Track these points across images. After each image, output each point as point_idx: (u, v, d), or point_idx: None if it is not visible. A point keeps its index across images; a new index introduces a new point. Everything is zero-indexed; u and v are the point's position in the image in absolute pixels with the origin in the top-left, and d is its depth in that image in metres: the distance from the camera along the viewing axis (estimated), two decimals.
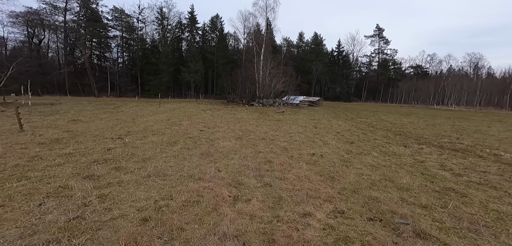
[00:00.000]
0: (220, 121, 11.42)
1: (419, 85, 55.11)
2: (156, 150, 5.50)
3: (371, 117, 17.03)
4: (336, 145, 6.96)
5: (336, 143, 7.25)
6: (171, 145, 6.17)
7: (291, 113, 18.09)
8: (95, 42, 44.99)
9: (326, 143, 7.13)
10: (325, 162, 5.22)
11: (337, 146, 6.77)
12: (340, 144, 7.08)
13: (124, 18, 46.66)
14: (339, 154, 5.93)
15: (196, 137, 7.28)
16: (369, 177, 4.26)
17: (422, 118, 17.40)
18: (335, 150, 6.33)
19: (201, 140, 6.88)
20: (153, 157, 4.96)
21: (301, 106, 28.21)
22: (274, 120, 12.64)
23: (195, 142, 6.64)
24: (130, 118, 10.86)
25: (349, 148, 6.57)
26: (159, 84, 40.68)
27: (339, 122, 13.23)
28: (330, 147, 6.68)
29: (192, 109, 17.57)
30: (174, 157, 5.07)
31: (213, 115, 14.15)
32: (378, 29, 60.57)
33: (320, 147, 6.64)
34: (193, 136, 7.49)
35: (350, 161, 5.28)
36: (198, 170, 4.34)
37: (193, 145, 6.23)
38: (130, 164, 4.45)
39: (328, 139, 7.87)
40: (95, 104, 18.43)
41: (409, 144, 7.16)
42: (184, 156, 5.22)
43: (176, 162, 4.74)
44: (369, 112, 22.36)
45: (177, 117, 12.08)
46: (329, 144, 7.00)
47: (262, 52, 30.44)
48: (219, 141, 6.90)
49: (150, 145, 6.03)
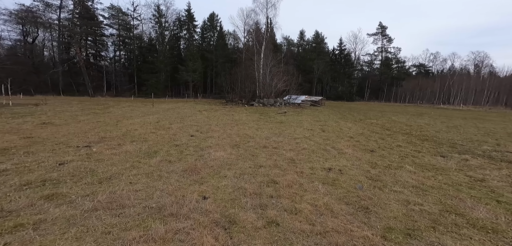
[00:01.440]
0: (215, 124, 10.15)
1: (424, 84, 53.70)
2: (125, 164, 4.23)
3: (381, 118, 15.74)
4: (354, 154, 5.67)
5: (353, 151, 5.97)
6: (149, 156, 4.90)
7: (293, 114, 16.82)
8: (90, 41, 43.79)
9: (341, 152, 5.85)
10: (347, 180, 3.95)
11: (356, 156, 5.49)
12: (358, 153, 5.80)
13: (121, 16, 45.46)
14: (362, 167, 4.65)
15: (184, 145, 6.02)
16: (421, 207, 2.99)
17: (437, 119, 16.09)
18: (355, 161, 5.05)
19: (189, 149, 5.62)
20: (117, 175, 3.70)
21: (303, 106, 26.93)
22: (276, 123, 11.36)
23: (180, 151, 5.37)
24: (113, 121, 9.61)
25: (371, 159, 5.29)
26: (156, 84, 39.43)
27: (348, 124, 11.94)
28: (348, 157, 5.41)
29: (187, 110, 16.31)
30: (147, 175, 3.80)
31: (209, 117, 12.88)
32: (381, 27, 59.18)
33: (335, 157, 5.36)
34: (181, 143, 6.23)
35: (381, 179, 4.00)
36: (173, 198, 3.07)
37: (177, 156, 4.96)
38: (78, 187, 3.19)
39: (342, 145, 6.59)
40: (84, 105, 17.20)
41: (446, 153, 5.87)
42: (161, 173, 3.95)
43: (147, 184, 3.47)
44: (377, 113, 21.06)
45: (167, 120, 10.82)
46: (345, 153, 5.72)
47: (262, 50, 29.13)
48: (211, 150, 5.63)
49: (122, 156, 4.76)
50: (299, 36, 63.32)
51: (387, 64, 60.43)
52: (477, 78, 51.58)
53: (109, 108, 15.51)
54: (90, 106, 16.47)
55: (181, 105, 21.01)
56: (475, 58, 58.62)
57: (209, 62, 48.25)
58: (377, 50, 61.01)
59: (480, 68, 58.61)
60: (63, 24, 36.77)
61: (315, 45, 61.51)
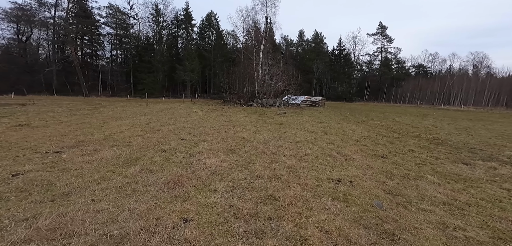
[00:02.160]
0: (210, 126, 9.46)
1: (424, 84, 53.26)
2: (94, 175, 3.53)
3: (384, 119, 15.11)
4: (364, 161, 5.01)
5: (361, 157, 5.31)
6: (128, 164, 4.21)
7: (293, 114, 16.16)
8: (86, 40, 42.92)
9: (349, 158, 5.18)
10: (361, 195, 3.28)
11: (366, 163, 4.82)
12: (368, 159, 5.13)
13: (119, 16, 44.66)
14: (376, 178, 3.98)
15: (172, 150, 5.33)
16: (464, 232, 2.34)
17: (443, 120, 15.47)
18: (366, 170, 4.38)
19: (177, 155, 4.93)
20: (78, 190, 3.00)
21: (302, 106, 26.29)
22: (276, 124, 10.69)
23: (167, 158, 4.68)
24: (99, 122, 8.89)
25: (384, 167, 4.62)
26: (153, 83, 38.64)
27: (351, 125, 11.29)
28: (357, 164, 4.74)
29: (183, 111, 15.60)
30: (117, 190, 3.11)
31: (204, 117, 12.18)
32: (381, 27, 58.74)
33: (343, 165, 4.69)
34: (169, 148, 5.53)
35: (402, 193, 3.34)
36: (144, 222, 2.39)
37: (161, 165, 4.27)
38: (19, 207, 2.50)
39: (348, 150, 5.92)
40: (74, 105, 16.43)
41: (467, 159, 5.21)
42: (137, 186, 3.26)
43: (114, 201, 2.78)
44: (378, 113, 20.44)
45: (159, 121, 10.11)
46: (353, 160, 5.05)
47: (261, 49, 28.48)
48: (202, 156, 4.94)
49: (95, 164, 4.06)
50: (298, 36, 62.86)
51: (387, 64, 59.96)
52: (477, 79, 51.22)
53: (100, 108, 14.77)
54: (80, 106, 15.72)
55: (177, 106, 20.29)
56: (474, 59, 58.38)
57: (207, 62, 47.54)
58: (377, 51, 60.60)
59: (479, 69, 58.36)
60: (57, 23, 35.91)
61: (314, 45, 60.98)
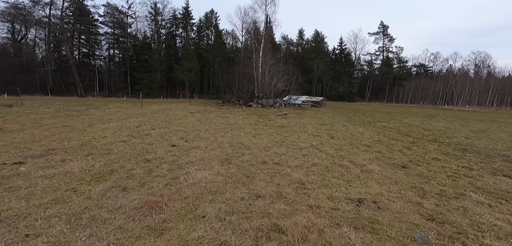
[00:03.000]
0: (206, 129, 8.69)
1: (426, 84, 52.47)
2: (46, 197, 2.76)
3: (391, 120, 14.35)
4: (384, 172, 4.23)
5: (379, 167, 4.53)
6: (98, 179, 3.43)
7: (295, 116, 15.39)
8: (83, 39, 42.12)
9: (365, 169, 4.41)
10: (393, 222, 2.51)
11: (387, 176, 4.05)
12: (388, 170, 4.36)
13: (117, 15, 43.85)
14: (407, 197, 3.21)
15: (157, 160, 4.56)
16: None
17: (453, 121, 14.67)
18: (390, 185, 3.60)
19: (162, 167, 4.15)
20: (13, 219, 2.23)
21: (303, 107, 25.52)
22: (277, 127, 9.92)
23: (148, 171, 3.91)
24: (84, 125, 8.11)
25: (411, 180, 3.85)
26: (151, 83, 37.82)
27: (358, 128, 10.52)
28: (377, 177, 3.97)
29: (179, 112, 14.83)
30: (68, 219, 2.33)
31: (200, 119, 11.41)
32: (383, 26, 57.94)
33: (360, 178, 3.92)
34: (154, 157, 4.76)
35: (450, 221, 2.57)
36: None
37: (139, 180, 3.50)
38: None
39: (362, 158, 5.15)
40: (65, 106, 15.63)
41: (507, 171, 4.43)
42: (98, 212, 2.49)
43: (55, 237, 2.01)
44: (383, 114, 19.68)
45: (151, 123, 9.33)
46: (371, 171, 4.28)
47: (261, 47, 27.69)
48: (191, 167, 4.17)
49: (55, 180, 3.28)
50: (298, 35, 62.03)
51: (389, 64, 59.15)
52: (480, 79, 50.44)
53: (91, 109, 13.98)
54: (70, 107, 14.92)
55: (173, 107, 19.51)
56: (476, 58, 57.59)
57: (206, 62, 46.72)
58: (379, 50, 59.76)
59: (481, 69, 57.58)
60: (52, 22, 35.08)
61: (314, 44, 60.20)
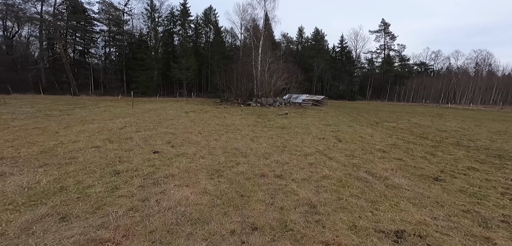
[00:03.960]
0: (198, 131, 7.79)
1: (428, 83, 51.62)
2: None
3: (399, 120, 13.47)
4: (417, 189, 3.34)
5: (407, 181, 3.65)
6: (35, 201, 2.54)
7: (296, 115, 14.51)
8: (78, 37, 41.00)
9: (390, 183, 3.52)
10: None
11: (425, 195, 3.15)
12: (419, 185, 3.47)
13: (113, 12, 42.71)
14: (464, 227, 2.33)
15: (130, 172, 3.66)
16: None
17: (464, 121, 13.79)
18: (433, 209, 2.72)
19: (132, 183, 3.25)
20: None
21: (304, 106, 24.64)
22: (277, 128, 9.03)
23: (112, 189, 3.01)
24: (59, 127, 7.19)
25: (455, 199, 2.97)
26: (147, 82, 36.79)
27: (366, 129, 9.64)
28: (410, 196, 3.08)
29: (172, 111, 13.91)
30: None
31: (194, 120, 10.50)
32: (384, 24, 56.95)
33: (387, 197, 3.03)
34: (127, 168, 3.85)
35: None
36: None
37: (93, 203, 2.60)
38: None
39: (381, 168, 4.26)
40: (50, 105, 14.67)
41: None
42: None
43: None
44: (388, 113, 18.81)
45: (138, 125, 8.42)
46: (398, 187, 3.39)
47: (260, 45, 26.74)
48: (171, 183, 3.28)
49: None
50: (298, 33, 61.04)
51: (390, 62, 58.26)
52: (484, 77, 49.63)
53: (77, 109, 13.04)
54: (56, 106, 13.96)
55: (168, 106, 18.59)
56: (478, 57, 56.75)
57: (205, 60, 45.73)
58: (380, 48, 58.81)
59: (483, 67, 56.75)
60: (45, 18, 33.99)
61: (314, 43, 59.24)
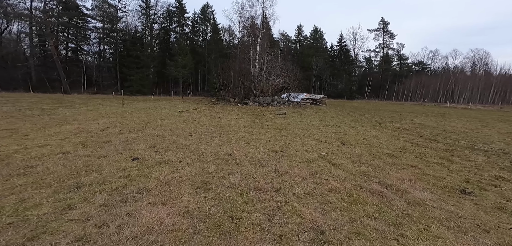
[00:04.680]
0: (190, 132, 7.14)
1: (426, 82, 51.42)
2: None
3: (401, 120, 12.95)
4: (446, 207, 2.74)
5: (431, 195, 3.05)
6: None
7: (295, 115, 13.91)
8: (71, 34, 39.87)
9: (411, 198, 2.92)
10: None
11: (459, 215, 2.56)
12: (449, 202, 2.87)
13: (107, 8, 41.62)
14: None
15: (96, 185, 3.00)
16: None
17: (470, 121, 13.30)
18: (478, 237, 2.12)
19: (91, 201, 2.60)
20: None
21: (303, 105, 24.08)
22: (275, 129, 8.41)
23: (62, 210, 2.36)
24: (33, 129, 6.49)
25: (497, 220, 2.37)
26: (142, 80, 35.89)
27: (369, 131, 9.07)
28: (440, 216, 2.47)
29: (165, 111, 13.21)
30: None
31: (187, 120, 9.84)
32: (383, 22, 56.57)
33: (412, 219, 2.42)
34: (94, 179, 3.19)
35: None
36: None
37: (29, 229, 1.94)
38: None
39: (395, 178, 3.66)
40: (33, 104, 13.85)
41: None
42: None
43: None
44: (389, 113, 18.31)
45: (123, 126, 7.73)
46: (424, 204, 2.79)
47: (258, 42, 26.06)
48: (143, 201, 2.63)
49: None
50: (296, 31, 60.41)
51: (389, 61, 57.97)
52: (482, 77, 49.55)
53: (61, 107, 12.26)
54: (40, 105, 13.13)
55: (162, 104, 17.85)
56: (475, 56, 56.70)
57: (201, 58, 44.87)
58: (379, 47, 58.45)
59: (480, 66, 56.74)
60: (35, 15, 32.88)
61: (313, 41, 58.69)
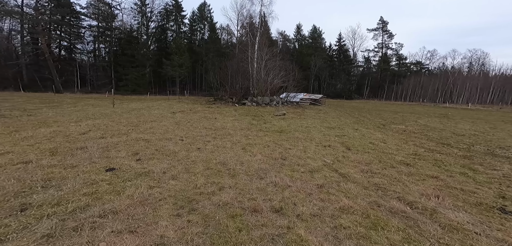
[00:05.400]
0: (181, 136, 6.51)
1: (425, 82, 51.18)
2: None
3: (405, 122, 12.43)
4: (492, 232, 2.16)
5: (467, 216, 2.46)
6: None
7: (294, 116, 13.33)
8: (64, 32, 38.88)
9: (444, 221, 2.33)
10: None
11: (504, 239, 1.99)
12: (492, 227, 2.30)
13: (101, 6, 40.68)
14: None
15: (49, 205, 2.36)
16: None
17: (476, 123, 12.84)
18: None
19: (34, 228, 1.97)
20: None
21: (302, 105, 23.54)
22: (274, 132, 7.80)
23: None
24: (1, 132, 5.82)
25: None
26: (137, 79, 35.06)
27: (375, 133, 8.51)
28: None
29: (158, 111, 12.54)
30: None
31: (180, 122, 9.20)
32: (382, 22, 56.20)
33: None
34: (49, 198, 2.55)
35: None
36: None
37: None
38: None
39: (419, 192, 3.08)
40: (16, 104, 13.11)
41: None
42: None
43: None
44: (391, 114, 17.82)
45: (107, 129, 7.07)
46: (463, 229, 2.21)
47: (257, 41, 25.45)
48: (107, 229, 2.00)
49: None
50: (295, 30, 59.92)
51: (388, 61, 57.68)
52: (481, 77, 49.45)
53: (46, 108, 11.54)
54: (23, 106, 12.38)
55: (156, 105, 17.17)
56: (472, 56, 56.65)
57: (199, 57, 44.12)
58: (378, 46, 58.11)
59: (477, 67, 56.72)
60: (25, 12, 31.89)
61: (312, 40, 58.20)
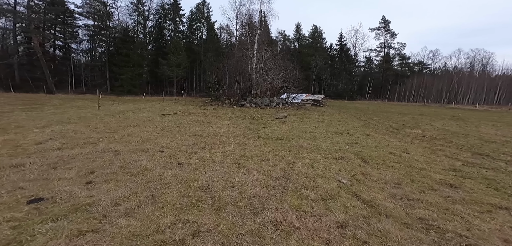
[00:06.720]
0: (161, 147, 5.39)
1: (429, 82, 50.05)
2: None
3: (420, 125, 11.30)
4: None
5: None
6: None
7: (296, 119, 12.21)
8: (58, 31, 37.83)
9: None
10: None
11: None
12: None
13: (97, 5, 39.64)
14: None
15: None
16: None
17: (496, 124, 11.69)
18: None
19: None
20: None
21: (303, 106, 22.45)
22: (275, 140, 6.68)
23: None
24: None
25: None
26: (133, 79, 33.99)
27: (390, 139, 7.38)
28: None
29: (147, 114, 11.43)
30: None
31: (167, 127, 8.08)
32: (384, 21, 55.05)
33: None
34: None
35: None
36: None
37: None
38: None
39: (498, 238, 1.98)
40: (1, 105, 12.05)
41: None
42: None
43: None
44: (398, 115, 16.69)
45: (75, 136, 5.96)
46: None
47: (256, 40, 24.36)
48: None
49: None
50: (295, 30, 58.75)
51: (390, 61, 56.56)
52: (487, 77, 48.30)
53: (17, 111, 10.42)
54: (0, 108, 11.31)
55: (147, 106, 16.07)
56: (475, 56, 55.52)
57: (197, 56, 43.00)
58: (380, 46, 56.94)
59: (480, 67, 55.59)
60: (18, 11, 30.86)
61: (312, 40, 57.10)
